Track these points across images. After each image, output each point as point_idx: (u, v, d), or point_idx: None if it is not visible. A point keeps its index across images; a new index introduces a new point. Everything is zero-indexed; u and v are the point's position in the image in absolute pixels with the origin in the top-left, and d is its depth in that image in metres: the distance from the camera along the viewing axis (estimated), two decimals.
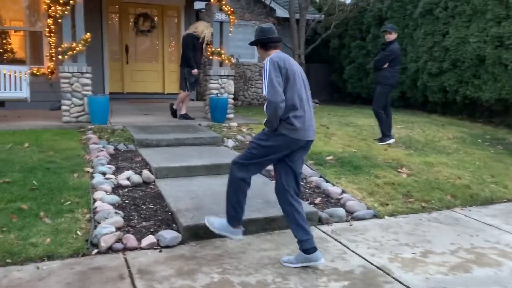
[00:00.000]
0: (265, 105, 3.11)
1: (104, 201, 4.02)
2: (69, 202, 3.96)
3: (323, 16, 13.62)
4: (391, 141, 6.97)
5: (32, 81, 7.75)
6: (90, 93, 7.48)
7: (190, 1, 10.72)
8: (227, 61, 8.37)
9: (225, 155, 5.59)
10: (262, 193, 4.43)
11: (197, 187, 4.55)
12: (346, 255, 3.38)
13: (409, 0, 11.52)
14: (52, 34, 9.18)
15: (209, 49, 8.35)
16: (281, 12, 13.57)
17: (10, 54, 9.50)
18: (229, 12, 8.19)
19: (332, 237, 3.68)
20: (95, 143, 5.96)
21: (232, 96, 8.42)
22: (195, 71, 7.96)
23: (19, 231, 3.39)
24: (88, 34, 7.40)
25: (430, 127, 8.77)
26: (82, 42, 7.30)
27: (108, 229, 3.41)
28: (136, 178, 4.63)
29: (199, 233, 3.56)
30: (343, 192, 4.66)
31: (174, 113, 8.27)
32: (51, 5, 8.98)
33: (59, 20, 7.27)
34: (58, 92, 9.22)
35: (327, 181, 4.95)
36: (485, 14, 9.20)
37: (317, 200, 4.40)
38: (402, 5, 11.83)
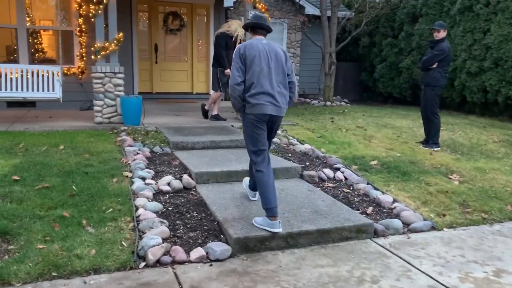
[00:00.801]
0: None
1: (146, 208, 3.84)
2: (111, 209, 3.79)
3: (353, 13, 13.26)
4: (438, 148, 6.58)
5: (63, 81, 7.66)
6: (122, 93, 7.36)
7: None
8: None
9: None
10: (309, 201, 4.18)
11: (239, 194, 4.33)
12: (411, 273, 3.11)
13: None
14: (82, 34, 9.12)
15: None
16: (310, 10, 13.27)
17: (41, 53, 9.47)
18: (263, 9, 7.96)
19: (392, 252, 3.41)
20: (131, 146, 5.81)
21: None
22: (228, 71, 7.76)
23: (63, 241, 3.23)
24: (121, 34, 7.27)
25: (472, 129, 8.37)
26: (115, 41, 7.18)
27: (155, 240, 3.22)
28: (177, 184, 4.44)
29: (250, 246, 3.34)
30: (394, 201, 4.38)
31: (205, 114, 8.09)
32: (82, 4, 8.99)
33: (92, 20, 7.16)
34: (88, 92, 9.21)
35: (376, 189, 4.67)
36: None
37: (369, 210, 4.13)
38: (438, 1, 11.38)
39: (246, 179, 4.29)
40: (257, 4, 7.90)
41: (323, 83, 14.00)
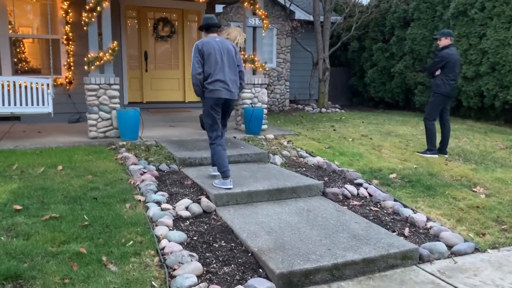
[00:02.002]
0: None
1: (170, 239, 3.48)
2: (131, 242, 3.42)
3: (342, 18, 13.13)
4: (432, 156, 6.42)
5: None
6: (118, 106, 6.94)
7: (211, 4, 10.19)
8: (260, 69, 7.85)
9: (281, 176, 5.07)
10: (342, 224, 3.90)
11: (266, 217, 4.02)
12: None
13: (439, 1, 11.05)
14: (70, 42, 8.63)
15: (241, 56, 7.82)
16: (300, 15, 13.10)
17: (24, 63, 8.93)
18: (262, 16, 7.68)
19: (445, 281, 3.16)
20: (135, 164, 5.42)
21: (265, 106, 7.90)
22: None
23: (85, 284, 2.85)
24: (115, 43, 6.86)
25: (474, 135, 8.29)
26: (109, 51, 6.77)
27: (190, 280, 2.88)
28: (196, 208, 4.09)
29: (293, 281, 3.03)
30: (428, 219, 4.15)
31: (203, 125, 7.73)
32: (69, 10, 8.52)
33: (85, 28, 6.72)
34: (77, 104, 8.73)
35: (405, 206, 4.44)
36: None
37: (406, 231, 3.88)
38: (430, 6, 11.36)
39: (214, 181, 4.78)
40: (257, 10, 7.61)
41: (314, 88, 13.83)
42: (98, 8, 6.60)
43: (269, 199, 4.50)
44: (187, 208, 4.11)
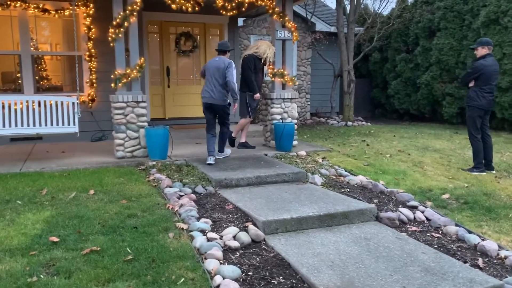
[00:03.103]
0: None
1: (224, 275, 3.15)
2: (182, 279, 3.09)
3: (364, 29, 12.84)
4: (480, 173, 6.03)
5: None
6: (145, 124, 6.68)
7: (233, 18, 9.97)
8: (290, 83, 7.56)
9: (327, 199, 4.72)
10: (409, 255, 3.54)
11: (322, 248, 3.68)
12: None
13: (467, 10, 10.71)
14: (92, 58, 8.42)
15: (270, 70, 7.55)
16: (321, 26, 12.83)
17: (46, 81, 8.75)
18: (292, 28, 7.41)
19: None
20: (169, 186, 5.12)
21: (295, 121, 7.59)
22: (257, 95, 7.17)
23: None
24: (143, 59, 6.63)
25: None
26: (137, 67, 6.53)
27: None
28: (245, 237, 3.76)
29: None
30: (500, 247, 3.77)
31: (232, 142, 7.44)
32: (92, 27, 8.33)
33: (111, 44, 6.49)
34: (99, 121, 8.50)
35: (470, 232, 4.06)
36: None
37: (480, 262, 3.51)
38: (457, 15, 11.02)
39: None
40: (287, 22, 7.35)
41: (335, 101, 13.51)
42: (126, 24, 6.37)
43: (320, 226, 4.15)
44: (234, 237, 3.79)
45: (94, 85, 8.48)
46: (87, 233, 3.76)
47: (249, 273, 3.27)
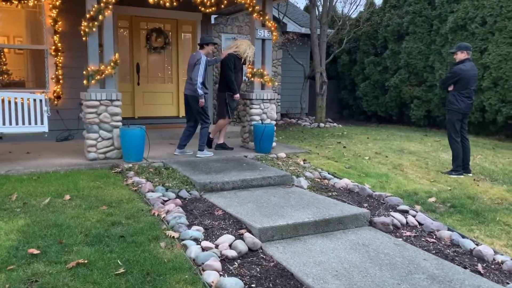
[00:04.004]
0: None
1: None
2: None
3: (333, 31, 12.91)
4: (458, 176, 6.14)
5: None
6: (120, 124, 6.33)
7: (207, 15, 9.70)
8: (269, 83, 7.42)
9: (318, 203, 4.62)
10: (410, 262, 3.48)
11: (323, 255, 3.55)
12: None
13: (435, 15, 10.98)
14: (58, 53, 7.92)
15: (249, 69, 7.38)
16: (293, 27, 12.80)
17: (6, 76, 8.15)
18: (272, 28, 7.27)
19: None
20: (152, 191, 4.84)
21: (274, 122, 7.46)
22: (237, 96, 6.98)
23: None
24: (117, 55, 6.28)
25: (484, 151, 8.13)
26: (111, 64, 6.18)
27: None
28: (241, 246, 3.57)
29: None
30: (495, 252, 3.79)
31: (209, 143, 7.21)
32: (58, 19, 7.84)
33: (84, 38, 6.10)
34: (65, 120, 8.02)
35: (463, 236, 4.07)
36: None
37: (479, 268, 3.49)
38: (426, 20, 11.29)
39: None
40: (267, 22, 7.20)
41: (305, 102, 13.53)
42: (100, 17, 6.00)
43: (316, 232, 4.03)
44: (230, 246, 3.59)
45: (60, 81, 7.99)
46: (70, 243, 3.45)
47: (252, 285, 3.09)
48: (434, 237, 4.12)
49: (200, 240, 3.67)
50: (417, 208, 4.75)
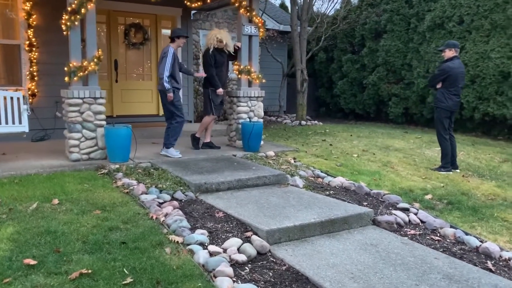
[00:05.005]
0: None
1: None
2: None
3: (311, 29, 12.90)
4: (447, 173, 6.21)
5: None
6: (104, 122, 6.05)
7: (187, 10, 9.47)
8: (257, 81, 7.28)
9: (320, 203, 4.53)
10: (423, 261, 3.44)
11: (334, 257, 3.45)
12: None
13: (413, 13, 11.13)
14: (33, 49, 7.51)
15: (235, 67, 7.21)
16: (272, 25, 12.71)
17: None
18: (259, 24, 7.13)
19: None
20: (145, 193, 4.62)
21: (261, 120, 7.33)
22: (220, 90, 6.76)
23: None
24: (100, 51, 5.99)
25: (465, 148, 8.29)
26: (95, 60, 5.88)
27: None
28: (250, 249, 3.43)
29: None
30: (501, 249, 3.80)
31: (196, 143, 6.99)
32: (32, 13, 7.44)
33: (65, 33, 5.78)
34: (41, 119, 7.62)
35: (467, 234, 4.07)
36: (507, 29, 8.96)
37: (490, 265, 3.49)
38: (403, 18, 11.43)
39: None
40: (254, 17, 7.05)
41: (283, 100, 13.48)
42: (82, 10, 5.69)
43: (322, 233, 3.93)
44: (238, 250, 3.45)
45: (35, 78, 7.58)
46: (68, 252, 3.21)
47: None
48: (438, 235, 4.11)
49: (206, 244, 3.50)
50: (416, 205, 4.74)
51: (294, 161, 6.43)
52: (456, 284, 3.06)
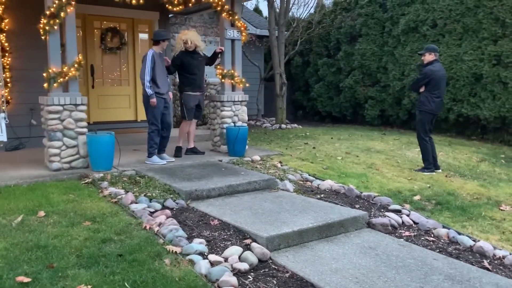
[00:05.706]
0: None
1: None
2: None
3: (288, 33, 12.97)
4: (430, 173, 6.33)
5: None
6: (85, 130, 5.86)
7: (164, 14, 9.32)
8: (240, 85, 7.23)
9: (313, 207, 4.51)
10: (423, 263, 3.46)
11: (336, 262, 3.44)
12: None
13: (387, 17, 11.34)
14: (6, 54, 7.21)
15: (219, 71, 7.13)
16: (249, 29, 12.65)
17: None
18: (242, 28, 7.09)
19: None
20: (135, 202, 4.49)
21: (245, 125, 7.28)
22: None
23: None
24: (81, 56, 5.81)
25: (443, 148, 8.48)
26: (75, 65, 5.69)
27: None
28: (251, 257, 3.36)
29: None
30: (494, 248, 3.88)
31: (178, 152, 6.81)
32: (4, 16, 7.16)
33: (43, 37, 5.57)
34: (15, 127, 7.31)
35: (460, 233, 4.14)
36: (479, 33, 9.26)
37: (486, 264, 3.56)
38: (378, 22, 11.62)
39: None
40: (236, 22, 7.00)
41: (261, 103, 13.48)
42: (62, 14, 5.50)
43: (320, 237, 3.91)
44: (239, 258, 3.38)
45: (8, 85, 7.28)
46: (62, 267, 3.06)
47: None
48: (432, 235, 4.16)
49: (206, 253, 3.42)
50: (407, 207, 4.79)
51: (281, 165, 6.40)
52: (459, 285, 3.10)
